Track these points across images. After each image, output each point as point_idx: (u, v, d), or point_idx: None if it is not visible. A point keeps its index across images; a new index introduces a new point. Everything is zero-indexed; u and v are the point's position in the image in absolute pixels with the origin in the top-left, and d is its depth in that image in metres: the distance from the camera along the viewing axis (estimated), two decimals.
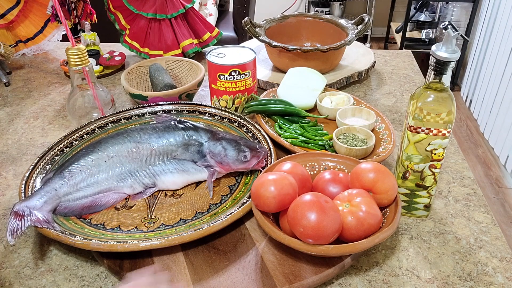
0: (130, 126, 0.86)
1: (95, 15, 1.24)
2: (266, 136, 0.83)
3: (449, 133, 0.62)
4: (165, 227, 0.68)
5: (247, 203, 0.68)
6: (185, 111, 0.91)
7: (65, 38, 1.30)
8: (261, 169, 0.76)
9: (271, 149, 0.79)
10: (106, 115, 0.89)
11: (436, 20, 3.12)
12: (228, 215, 0.66)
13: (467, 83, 2.84)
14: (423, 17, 3.12)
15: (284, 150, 0.84)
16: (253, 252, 0.64)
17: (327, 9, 3.45)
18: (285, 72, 1.02)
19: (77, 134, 0.85)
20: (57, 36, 1.32)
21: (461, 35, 0.60)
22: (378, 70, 1.19)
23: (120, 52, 1.22)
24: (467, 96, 2.84)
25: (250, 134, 0.85)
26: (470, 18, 2.77)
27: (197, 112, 0.91)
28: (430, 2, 3.07)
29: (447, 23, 0.60)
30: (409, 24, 3.08)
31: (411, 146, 0.65)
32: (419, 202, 0.69)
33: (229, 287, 0.59)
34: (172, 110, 0.91)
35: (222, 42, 1.59)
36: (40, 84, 1.18)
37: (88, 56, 0.87)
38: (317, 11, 3.39)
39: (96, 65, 1.20)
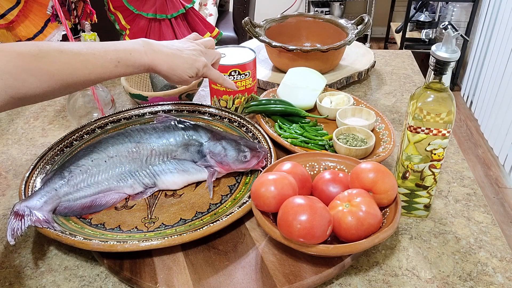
0: (130, 126, 0.86)
1: (95, 15, 1.24)
2: (266, 136, 0.83)
3: (449, 133, 0.62)
4: (165, 227, 0.68)
5: (247, 203, 0.68)
6: (185, 111, 0.91)
7: (65, 38, 1.29)
8: (261, 169, 0.76)
9: (271, 149, 0.79)
10: (106, 115, 0.89)
11: (436, 20, 3.11)
12: (228, 215, 0.66)
13: (467, 83, 2.84)
14: (423, 17, 3.12)
15: (284, 150, 0.84)
16: (253, 252, 0.64)
17: (327, 9, 3.45)
18: (285, 72, 1.02)
19: (77, 134, 0.85)
20: (57, 36, 1.32)
21: (461, 35, 0.60)
22: (378, 70, 1.19)
23: None
24: (467, 96, 2.84)
25: (250, 134, 0.85)
26: (470, 18, 2.77)
27: (197, 112, 0.91)
28: (430, 2, 3.07)
29: (447, 23, 0.60)
30: (409, 24, 3.08)
31: (411, 146, 0.65)
32: (419, 202, 0.69)
33: (229, 287, 0.59)
34: (172, 110, 0.91)
35: (222, 42, 1.59)
36: None
37: None
38: (317, 11, 3.39)
39: None
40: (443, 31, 0.59)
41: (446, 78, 0.60)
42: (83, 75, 0.61)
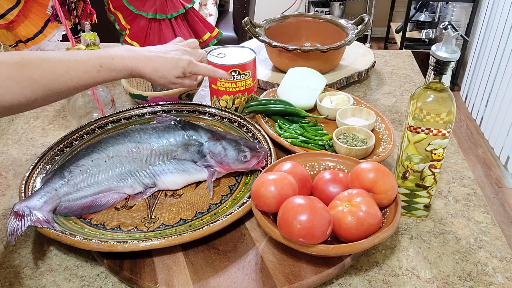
0: (130, 126, 0.86)
1: (95, 15, 1.24)
2: (266, 136, 0.83)
3: (449, 133, 0.62)
4: (165, 227, 0.68)
5: (247, 203, 0.68)
6: (185, 111, 0.91)
7: (65, 38, 1.29)
8: (261, 169, 0.76)
9: (271, 149, 0.79)
10: (106, 115, 0.89)
11: (436, 20, 3.11)
12: (228, 215, 0.66)
13: (467, 83, 2.84)
14: (423, 17, 3.12)
15: (284, 150, 0.84)
16: (253, 252, 0.64)
17: (327, 9, 3.45)
18: (285, 72, 1.02)
19: (77, 134, 0.85)
20: (57, 36, 1.32)
21: (461, 35, 0.60)
22: (378, 70, 1.19)
23: None
24: (466, 96, 2.84)
25: (250, 134, 0.85)
26: (470, 18, 2.77)
27: (197, 112, 0.91)
28: (430, 2, 3.07)
29: (447, 23, 0.60)
30: (409, 24, 3.08)
31: (411, 146, 0.65)
32: (419, 202, 0.69)
33: (229, 287, 0.59)
34: (172, 110, 0.91)
35: (222, 42, 1.59)
36: None
37: None
38: (317, 11, 3.39)
39: None
40: (443, 31, 0.59)
41: (446, 78, 0.60)
42: (66, 81, 0.61)
